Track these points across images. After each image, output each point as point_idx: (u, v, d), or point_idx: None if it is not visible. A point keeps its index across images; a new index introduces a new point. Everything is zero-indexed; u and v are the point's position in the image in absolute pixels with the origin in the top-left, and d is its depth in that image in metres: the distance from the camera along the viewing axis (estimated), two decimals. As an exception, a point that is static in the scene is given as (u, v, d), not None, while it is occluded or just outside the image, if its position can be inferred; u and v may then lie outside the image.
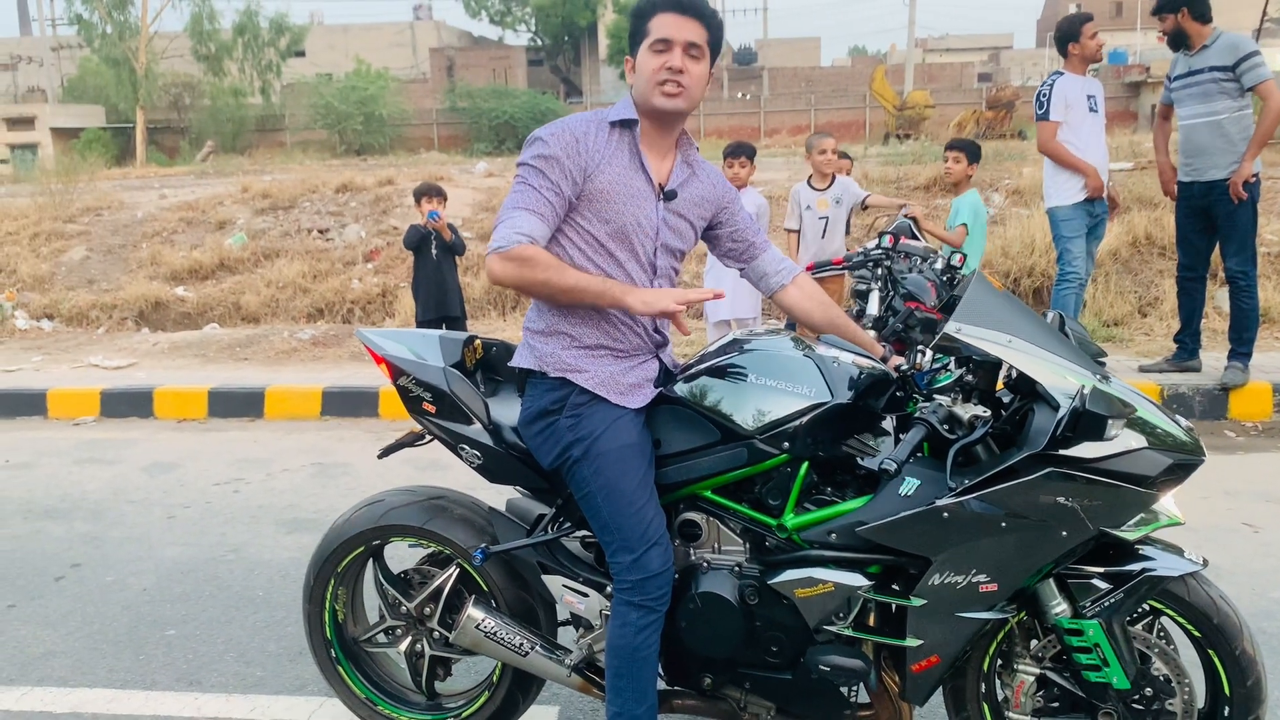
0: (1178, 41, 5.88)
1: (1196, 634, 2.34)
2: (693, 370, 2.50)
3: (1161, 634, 2.43)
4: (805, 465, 2.37)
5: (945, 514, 2.17)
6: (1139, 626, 2.40)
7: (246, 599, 3.95)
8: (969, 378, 2.31)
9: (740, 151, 6.29)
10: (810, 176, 6.58)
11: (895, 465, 2.10)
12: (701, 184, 2.56)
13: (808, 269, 4.54)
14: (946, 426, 2.22)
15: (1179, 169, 6.08)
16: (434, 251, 6.77)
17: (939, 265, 4.59)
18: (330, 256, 10.51)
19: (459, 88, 37.73)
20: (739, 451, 2.37)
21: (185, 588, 4.07)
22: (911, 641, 2.30)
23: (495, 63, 46.11)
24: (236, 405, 6.96)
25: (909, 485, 2.25)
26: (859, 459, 2.43)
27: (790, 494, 2.38)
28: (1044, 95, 6.10)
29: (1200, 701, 2.40)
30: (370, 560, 2.87)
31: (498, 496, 2.85)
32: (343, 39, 50.30)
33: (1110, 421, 2.02)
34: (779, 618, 2.38)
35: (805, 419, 2.34)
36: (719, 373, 2.45)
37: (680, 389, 2.47)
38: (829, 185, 6.47)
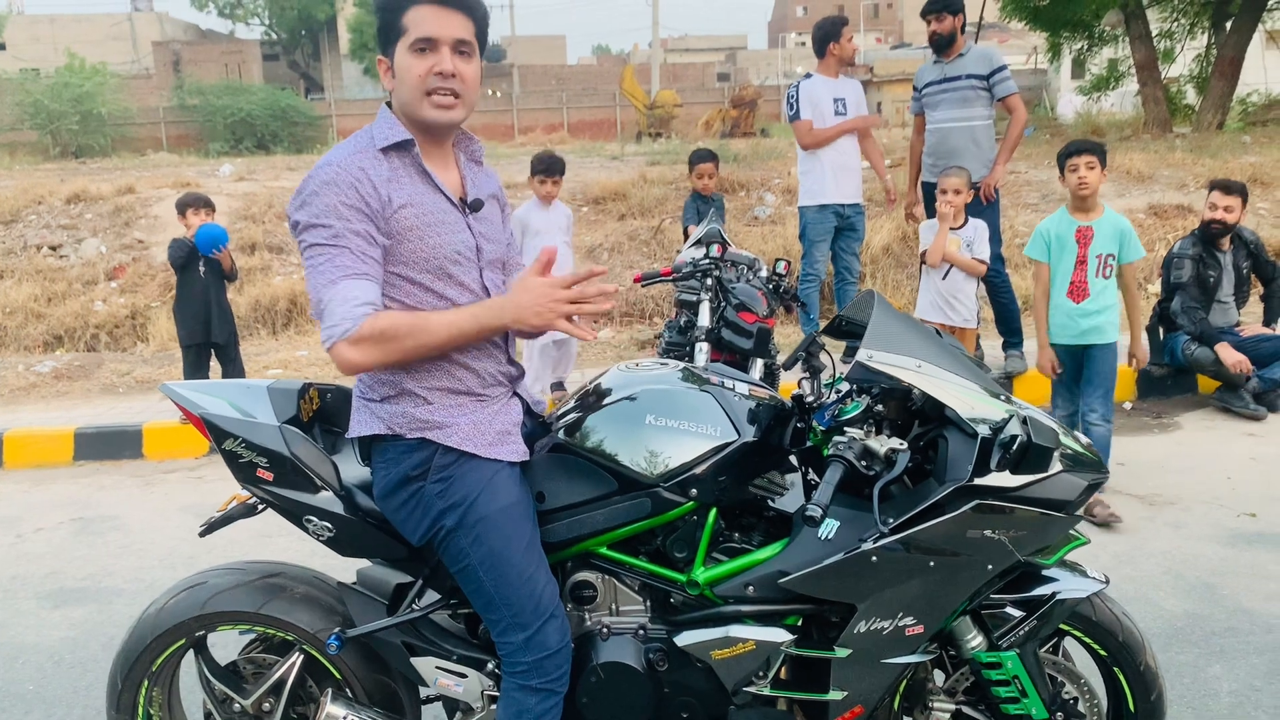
0: (942, 45, 6.10)
1: (1102, 653, 2.32)
2: (576, 413, 2.23)
3: (1065, 655, 2.39)
4: (714, 512, 2.16)
5: (874, 557, 2.01)
6: (1044, 650, 2.35)
7: (13, 696, 3.32)
8: (879, 407, 2.17)
9: (554, 170, 5.88)
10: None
11: (820, 511, 1.91)
12: (489, 177, 2.31)
13: (635, 280, 4.35)
14: (864, 463, 2.06)
15: (925, 169, 6.32)
16: (201, 269, 6.08)
17: (764, 273, 4.52)
18: (66, 276, 9.35)
19: (188, 84, 35.19)
20: (641, 502, 2.13)
21: (-71, 690, 3.39)
22: (835, 695, 2.13)
23: (227, 57, 43.34)
24: (-34, 455, 6.00)
25: (828, 527, 2.08)
26: (770, 501, 2.24)
27: (699, 545, 2.16)
28: (792, 97, 6.42)
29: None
30: (192, 652, 2.42)
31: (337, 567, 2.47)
32: (49, 30, 46.02)
33: (1055, 453, 1.92)
34: (692, 682, 2.16)
35: (713, 461, 2.12)
36: (609, 414, 2.19)
37: (566, 434, 2.20)
38: (963, 224, 5.31)
